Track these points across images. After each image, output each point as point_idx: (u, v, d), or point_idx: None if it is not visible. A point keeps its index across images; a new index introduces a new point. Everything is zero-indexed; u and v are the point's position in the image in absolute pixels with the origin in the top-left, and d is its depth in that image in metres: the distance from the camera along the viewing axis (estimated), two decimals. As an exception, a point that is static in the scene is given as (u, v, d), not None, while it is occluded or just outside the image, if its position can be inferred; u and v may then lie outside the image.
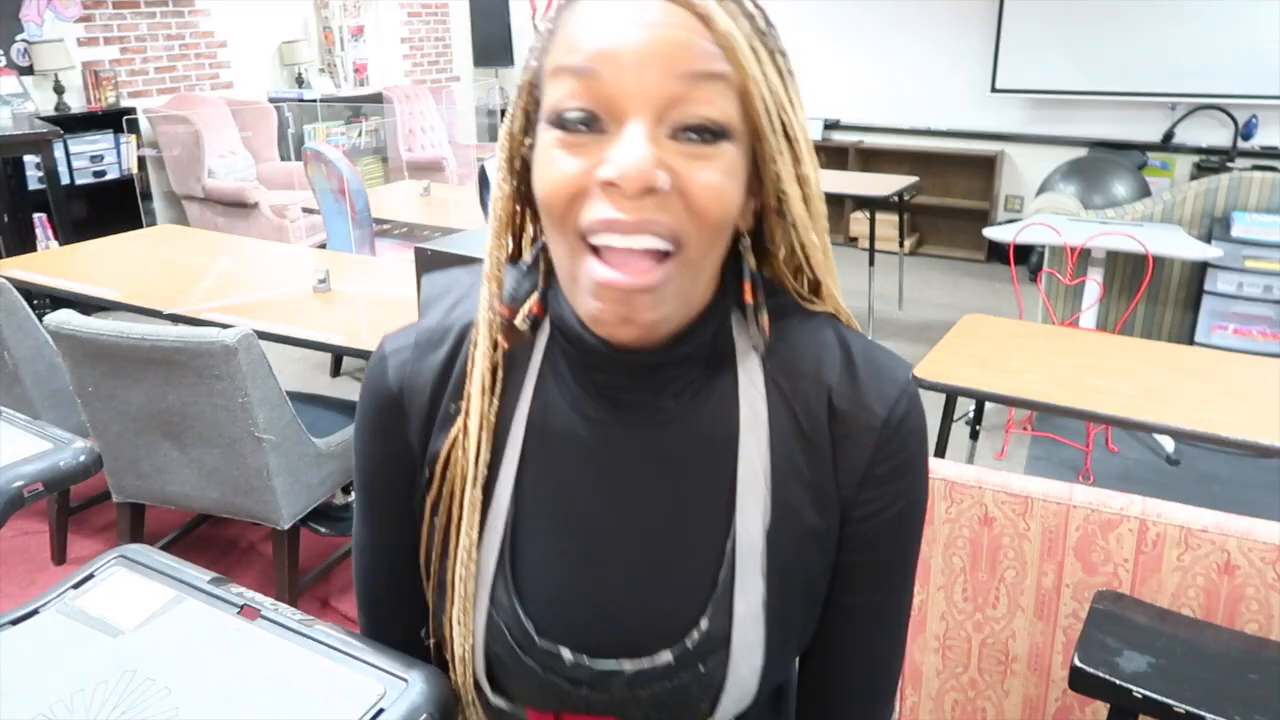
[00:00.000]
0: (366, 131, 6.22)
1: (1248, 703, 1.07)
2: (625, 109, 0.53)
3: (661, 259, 0.54)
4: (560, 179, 0.54)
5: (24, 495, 1.00)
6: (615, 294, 0.54)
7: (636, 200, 0.52)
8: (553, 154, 0.55)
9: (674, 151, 0.53)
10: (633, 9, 0.53)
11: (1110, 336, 2.61)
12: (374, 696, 0.65)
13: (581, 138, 0.54)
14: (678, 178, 0.53)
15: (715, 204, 0.54)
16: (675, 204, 0.53)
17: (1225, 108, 5.15)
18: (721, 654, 0.62)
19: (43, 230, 4.50)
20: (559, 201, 0.54)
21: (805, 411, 0.62)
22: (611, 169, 0.52)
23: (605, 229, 0.53)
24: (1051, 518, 1.40)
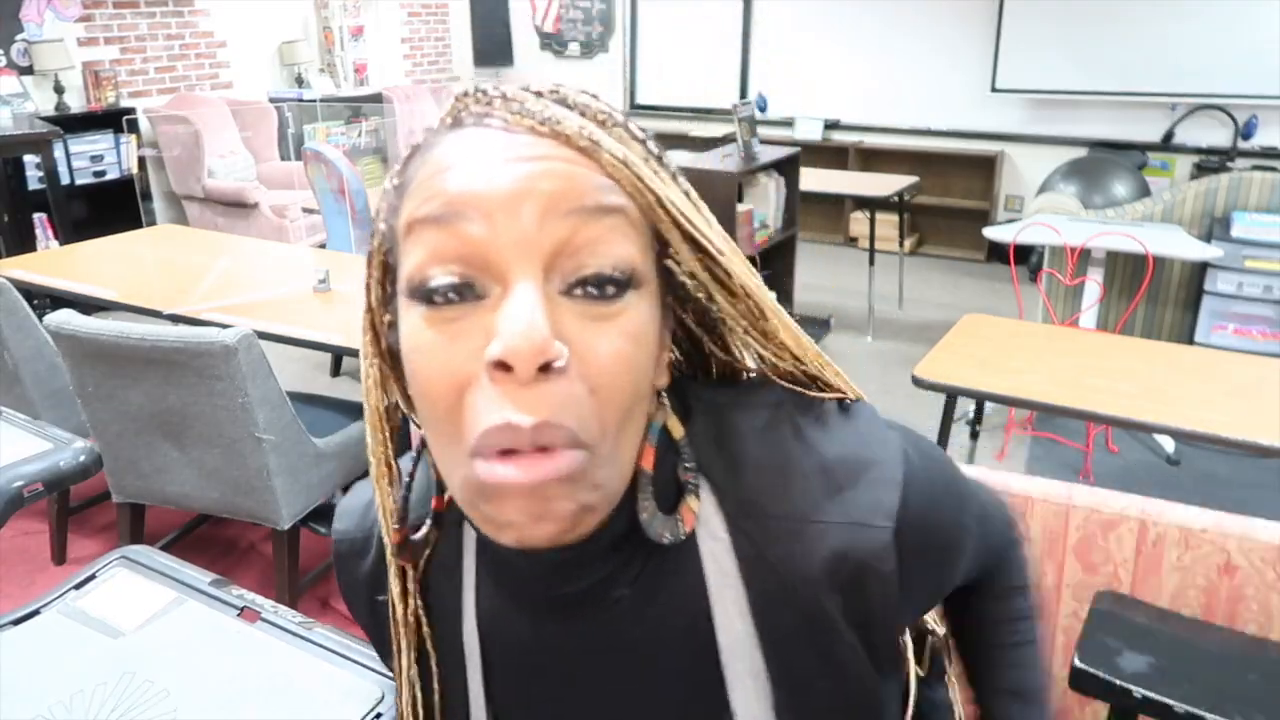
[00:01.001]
0: (366, 131, 6.21)
1: (1248, 703, 1.07)
2: (505, 264, 0.43)
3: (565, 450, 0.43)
4: (436, 372, 0.43)
5: (24, 495, 1.00)
6: (521, 496, 0.43)
7: (532, 387, 0.41)
8: (422, 339, 0.44)
9: (570, 314, 0.43)
10: (500, 144, 0.45)
11: (1110, 336, 2.61)
12: (372, 699, 0.65)
13: (454, 310, 0.43)
14: (575, 348, 0.43)
15: (624, 377, 0.44)
16: (577, 386, 0.43)
17: (1225, 108, 5.15)
18: None
19: (43, 230, 4.50)
20: (441, 401, 0.43)
21: (787, 564, 0.50)
22: (498, 345, 0.41)
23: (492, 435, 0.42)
24: (1051, 518, 1.40)
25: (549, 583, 0.52)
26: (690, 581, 0.51)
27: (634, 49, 7.00)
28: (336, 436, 2.24)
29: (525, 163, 0.43)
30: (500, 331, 0.41)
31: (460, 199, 0.43)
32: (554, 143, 0.45)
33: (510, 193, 0.43)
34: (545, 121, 0.45)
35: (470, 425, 0.43)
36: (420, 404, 0.45)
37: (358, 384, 3.84)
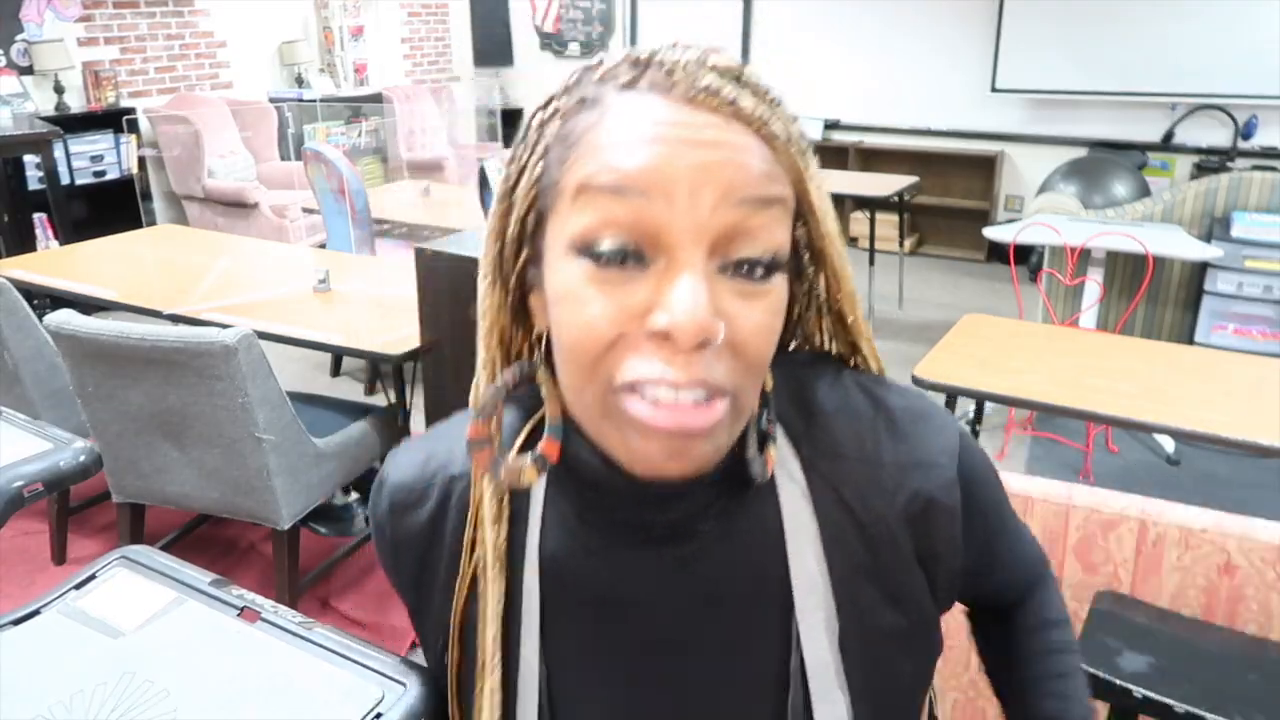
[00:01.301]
0: (366, 131, 6.22)
1: (1248, 703, 1.07)
2: (675, 243, 0.45)
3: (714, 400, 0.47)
4: (595, 326, 0.46)
5: (24, 495, 1.00)
6: (665, 440, 0.47)
7: (688, 355, 0.45)
8: (584, 292, 0.46)
9: (725, 291, 0.47)
10: (685, 121, 0.46)
11: (1110, 336, 2.62)
12: (372, 700, 0.65)
13: (619, 272, 0.46)
14: (729, 323, 0.46)
15: (765, 348, 0.49)
16: (726, 354, 0.47)
17: (1225, 108, 5.15)
18: None
19: (43, 230, 4.50)
20: (593, 350, 0.47)
21: (862, 502, 0.55)
22: (665, 318, 0.45)
23: (652, 384, 0.46)
24: (1051, 518, 1.40)
25: (645, 512, 0.54)
26: (768, 520, 0.55)
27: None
28: (336, 436, 2.24)
29: (706, 148, 0.45)
30: (669, 308, 0.44)
31: (642, 177, 0.45)
32: (730, 123, 0.46)
33: (691, 178, 0.45)
34: (727, 103, 0.46)
35: (623, 370, 0.46)
36: (566, 343, 0.48)
37: (358, 384, 3.85)
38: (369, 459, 2.38)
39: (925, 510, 0.55)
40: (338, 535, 2.63)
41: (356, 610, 2.35)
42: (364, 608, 2.37)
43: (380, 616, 2.33)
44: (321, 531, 2.64)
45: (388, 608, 2.36)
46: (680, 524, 0.54)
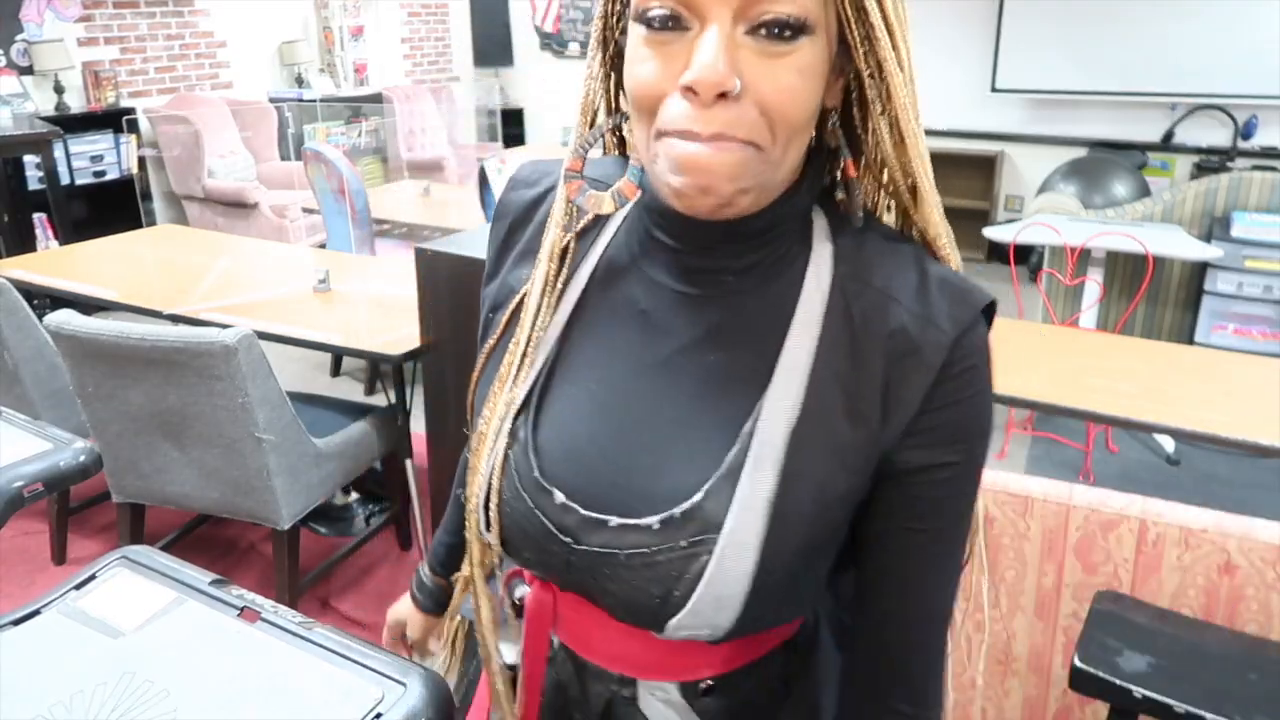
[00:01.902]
0: (366, 131, 6.21)
1: (1248, 703, 1.07)
2: (705, 8, 0.53)
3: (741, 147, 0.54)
4: (645, 80, 0.56)
5: (24, 495, 1.00)
6: (696, 167, 0.54)
7: (710, 108, 0.53)
8: (640, 52, 0.56)
9: (750, 50, 0.53)
10: None
11: (1110, 336, 2.62)
12: (372, 700, 0.65)
13: (666, 35, 0.54)
14: (751, 79, 0.53)
15: (790, 106, 0.54)
16: (750, 109, 0.53)
17: (1225, 108, 5.15)
18: (709, 538, 0.58)
19: (43, 230, 4.50)
20: (644, 100, 0.56)
21: (863, 322, 0.60)
22: (689, 74, 0.53)
23: (681, 136, 0.54)
24: (1051, 518, 1.40)
25: (685, 250, 0.63)
26: (784, 299, 0.62)
27: (634, 49, 7.00)
28: (336, 436, 2.24)
29: None
30: (692, 64, 0.53)
31: None
32: None
33: None
34: None
35: (663, 119, 0.55)
36: (631, 96, 0.57)
37: (358, 384, 3.85)
38: (369, 459, 2.39)
39: (906, 353, 0.59)
40: (338, 535, 2.63)
41: (356, 610, 2.35)
42: (364, 608, 2.37)
43: (380, 616, 2.32)
44: (321, 531, 2.64)
45: (388, 608, 2.36)
46: (710, 267, 0.62)
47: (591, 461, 0.63)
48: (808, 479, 0.59)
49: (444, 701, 0.66)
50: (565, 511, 0.62)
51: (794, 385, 0.60)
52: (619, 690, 0.68)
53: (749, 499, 0.58)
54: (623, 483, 0.61)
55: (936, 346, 0.58)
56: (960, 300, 0.60)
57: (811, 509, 0.59)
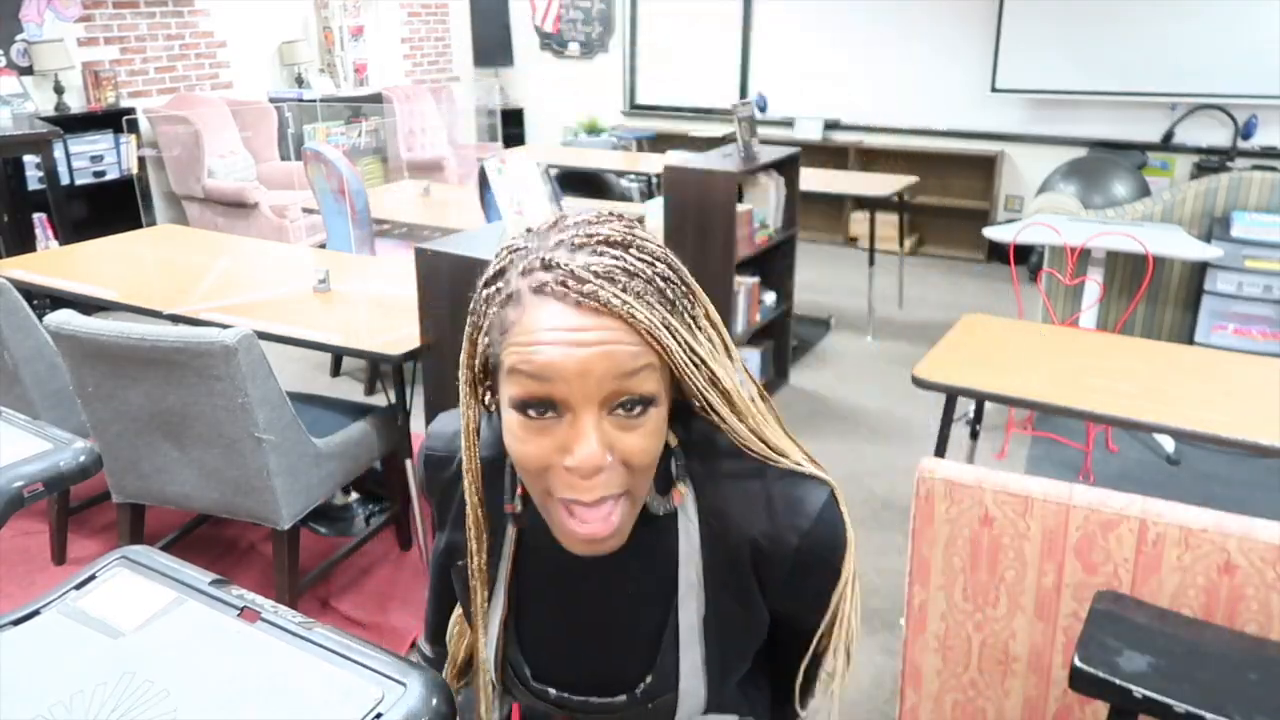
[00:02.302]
0: (366, 131, 6.21)
1: (1248, 703, 1.07)
2: (575, 405, 0.68)
3: (615, 503, 0.71)
4: (530, 458, 0.70)
5: (24, 495, 1.00)
6: (587, 545, 0.73)
7: (591, 479, 0.69)
8: (520, 434, 0.70)
9: (611, 425, 0.69)
10: (574, 325, 0.66)
11: (1110, 336, 2.61)
12: (372, 700, 0.65)
13: (542, 422, 0.69)
14: (617, 448, 0.69)
15: (647, 458, 0.71)
16: (618, 468, 0.70)
17: (1225, 108, 5.15)
18: (669, 696, 0.83)
19: (43, 230, 4.50)
20: (530, 471, 0.71)
21: (729, 549, 0.80)
22: (572, 460, 0.68)
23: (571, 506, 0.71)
24: (1051, 518, 1.40)
25: None
26: (668, 543, 0.81)
27: (634, 49, 7.00)
28: (336, 436, 2.24)
29: (589, 346, 0.66)
30: (574, 452, 0.68)
31: (547, 370, 0.67)
32: (606, 319, 0.67)
33: (580, 370, 0.66)
34: (602, 304, 0.67)
35: (554, 488, 0.71)
36: (519, 466, 0.72)
37: (358, 384, 3.85)
38: (369, 459, 2.38)
39: (768, 555, 0.80)
40: (338, 535, 2.63)
41: (356, 610, 2.35)
42: (364, 608, 2.37)
43: (380, 616, 2.33)
44: (321, 531, 2.64)
45: (388, 608, 2.37)
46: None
47: (565, 664, 0.86)
48: (726, 646, 0.83)
49: (444, 701, 0.66)
50: (560, 699, 0.86)
51: (692, 596, 0.81)
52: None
53: (689, 668, 0.82)
54: (592, 673, 0.86)
55: (785, 554, 0.79)
56: (797, 512, 0.79)
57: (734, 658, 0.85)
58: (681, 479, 0.80)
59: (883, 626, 2.31)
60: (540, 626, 0.87)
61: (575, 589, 0.85)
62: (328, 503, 2.58)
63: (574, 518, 0.71)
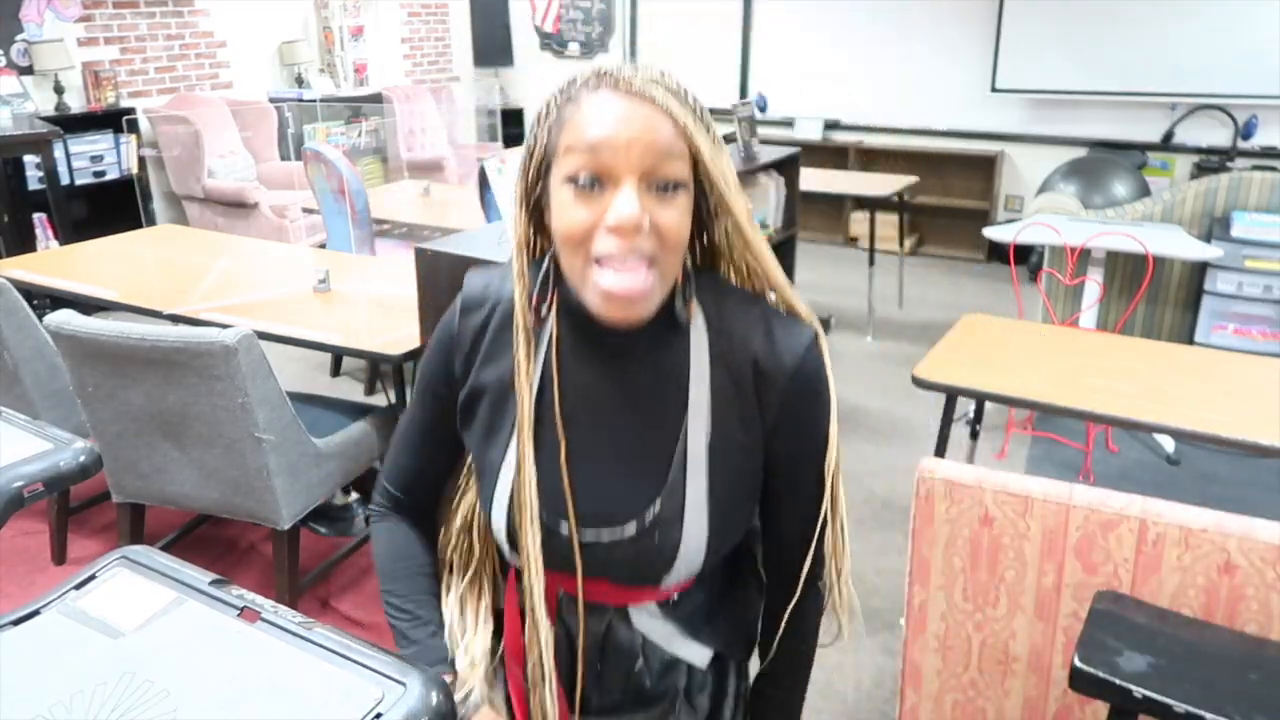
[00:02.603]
0: (366, 131, 6.21)
1: (1248, 703, 1.07)
2: (620, 175, 0.78)
3: (648, 268, 0.80)
4: (578, 224, 0.80)
5: (24, 495, 1.00)
6: (619, 300, 0.80)
7: (629, 238, 0.78)
8: (569, 205, 0.80)
9: (650, 199, 0.79)
10: (622, 111, 0.78)
11: (1110, 336, 2.61)
12: (372, 700, 0.65)
13: (589, 194, 0.79)
14: (653, 217, 0.79)
15: (675, 233, 0.80)
16: (650, 237, 0.79)
17: (1225, 108, 5.15)
18: (674, 530, 0.87)
19: (43, 230, 4.50)
20: (576, 238, 0.80)
21: (736, 369, 0.88)
22: (614, 217, 0.78)
23: (609, 257, 0.79)
24: (1051, 518, 1.40)
25: (608, 336, 0.87)
26: (680, 355, 0.89)
27: (634, 49, 7.00)
28: (336, 436, 2.24)
29: (635, 125, 0.78)
30: (616, 209, 0.78)
31: (600, 143, 0.78)
32: (653, 111, 0.79)
33: (627, 143, 0.78)
34: (650, 98, 0.79)
35: (597, 250, 0.79)
36: (563, 237, 0.81)
37: (358, 384, 3.85)
38: (369, 459, 2.38)
39: (767, 375, 0.88)
40: (338, 535, 2.63)
41: (356, 610, 2.36)
42: (364, 608, 2.37)
43: (380, 616, 2.33)
44: (321, 531, 2.64)
45: (388, 608, 2.36)
46: (626, 347, 0.88)
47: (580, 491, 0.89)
48: (730, 475, 0.89)
49: (444, 701, 0.66)
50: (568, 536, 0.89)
51: (701, 419, 0.88)
52: (613, 617, 0.95)
53: (694, 498, 0.87)
54: (600, 503, 0.89)
55: (782, 375, 0.87)
56: (793, 340, 0.88)
57: (737, 492, 0.90)
58: (694, 298, 0.88)
59: (883, 626, 2.31)
60: (554, 452, 0.89)
61: (595, 406, 0.90)
62: (328, 503, 2.58)
63: (612, 276, 0.79)
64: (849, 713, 2.02)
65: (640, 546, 0.87)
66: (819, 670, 1.08)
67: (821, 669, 2.15)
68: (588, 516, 0.89)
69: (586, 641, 0.95)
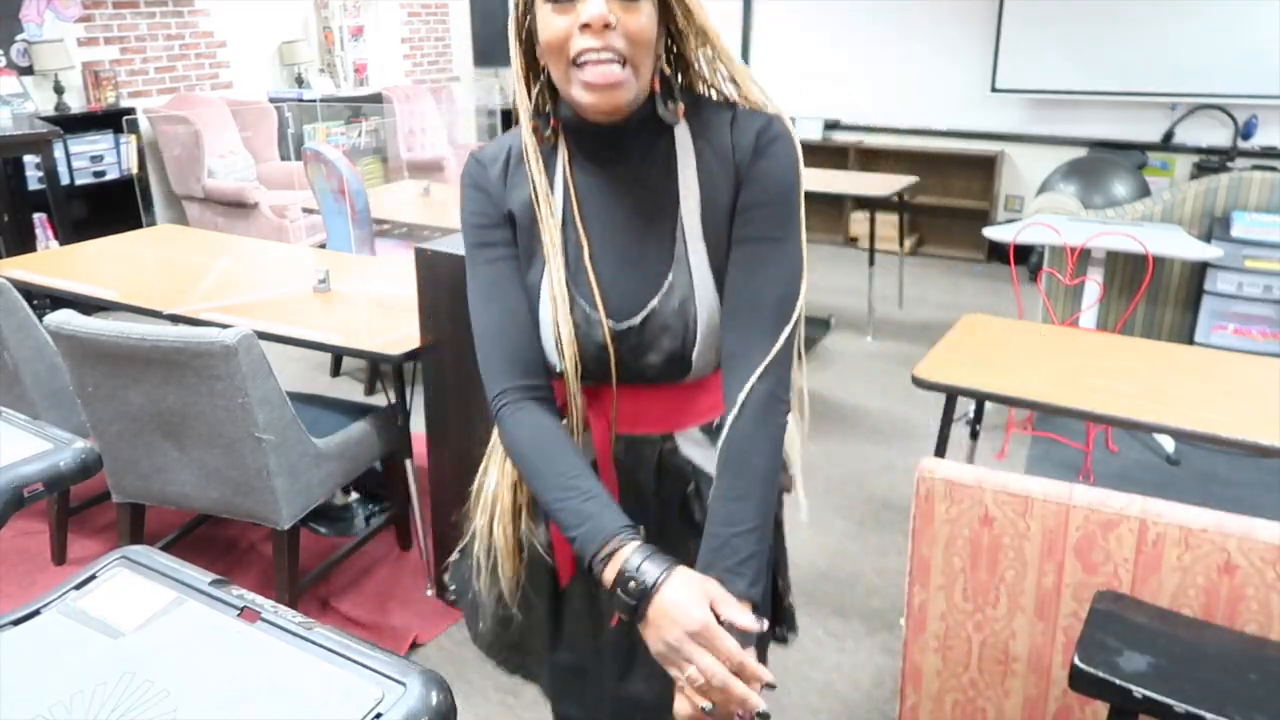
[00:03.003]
0: (366, 131, 6.21)
1: (1248, 703, 1.07)
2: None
3: (622, 65, 0.91)
4: (557, 31, 0.91)
5: (24, 495, 1.00)
6: (599, 88, 0.91)
7: (600, 35, 0.89)
8: (550, 18, 0.92)
9: (617, 7, 0.89)
10: None
11: (1110, 336, 2.61)
12: (372, 700, 0.65)
13: (564, 5, 0.90)
14: (621, 20, 0.90)
15: (643, 33, 0.91)
16: (620, 36, 0.90)
17: (1225, 108, 5.15)
18: (689, 298, 0.98)
19: (43, 230, 4.50)
20: (556, 44, 0.91)
21: (713, 143, 1.00)
22: (585, 15, 0.89)
23: (585, 54, 0.90)
24: (1051, 518, 1.40)
25: (604, 140, 1.01)
26: (668, 149, 1.01)
27: (634, 49, 7.00)
28: (336, 436, 2.24)
29: None
30: (587, 9, 0.89)
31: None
32: None
33: None
34: None
35: (573, 49, 0.91)
36: (547, 46, 0.93)
37: (358, 384, 3.85)
38: (369, 459, 2.38)
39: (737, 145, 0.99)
40: (338, 535, 2.63)
41: (356, 610, 2.35)
42: (364, 608, 2.37)
43: (380, 616, 2.33)
44: (321, 531, 2.64)
45: (388, 608, 2.37)
46: (622, 147, 1.01)
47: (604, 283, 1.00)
48: (721, 238, 1.00)
49: (444, 701, 0.66)
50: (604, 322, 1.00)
51: (693, 199, 1.00)
52: (663, 445, 1.06)
53: (698, 267, 0.99)
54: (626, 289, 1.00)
55: (750, 135, 0.99)
56: (758, 118, 1.00)
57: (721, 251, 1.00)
58: (678, 99, 1.00)
59: (883, 626, 2.31)
60: (578, 253, 1.02)
61: (605, 206, 1.02)
62: (328, 503, 2.58)
63: (590, 70, 0.90)
64: (849, 713, 2.02)
65: (664, 322, 0.98)
66: (819, 670, 1.07)
67: (821, 669, 2.14)
68: (616, 308, 0.99)
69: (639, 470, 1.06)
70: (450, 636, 2.27)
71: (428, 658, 2.21)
